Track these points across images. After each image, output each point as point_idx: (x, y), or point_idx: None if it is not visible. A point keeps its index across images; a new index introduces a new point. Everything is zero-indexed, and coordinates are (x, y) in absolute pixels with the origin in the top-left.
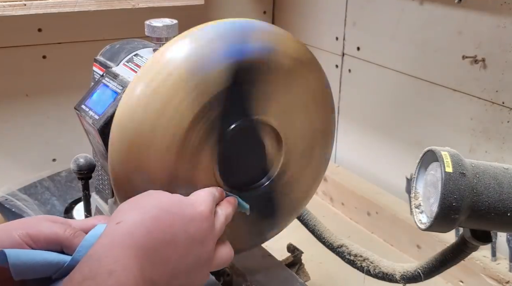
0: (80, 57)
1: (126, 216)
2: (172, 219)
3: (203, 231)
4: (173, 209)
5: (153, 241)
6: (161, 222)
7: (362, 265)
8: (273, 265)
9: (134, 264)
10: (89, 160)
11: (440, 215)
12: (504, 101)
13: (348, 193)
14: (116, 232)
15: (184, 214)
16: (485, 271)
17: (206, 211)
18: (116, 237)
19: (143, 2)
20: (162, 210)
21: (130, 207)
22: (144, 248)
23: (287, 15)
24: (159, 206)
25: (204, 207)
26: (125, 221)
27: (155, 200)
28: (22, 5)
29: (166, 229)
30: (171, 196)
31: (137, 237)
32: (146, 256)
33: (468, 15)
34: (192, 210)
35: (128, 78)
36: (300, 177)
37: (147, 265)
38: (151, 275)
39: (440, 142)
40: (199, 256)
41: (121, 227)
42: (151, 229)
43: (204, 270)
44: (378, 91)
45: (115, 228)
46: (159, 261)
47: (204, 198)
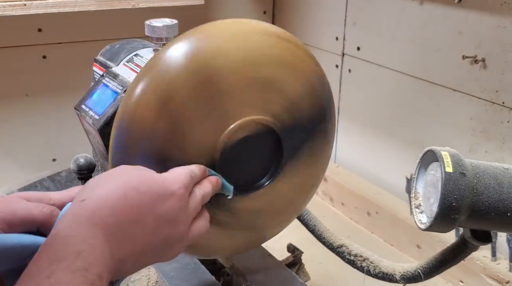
0: (80, 57)
1: (91, 193)
2: (140, 198)
3: (174, 211)
4: (142, 188)
5: (119, 220)
6: (128, 200)
7: (362, 265)
8: (273, 265)
9: (102, 242)
10: (89, 160)
11: (440, 215)
12: (504, 101)
13: (348, 193)
14: (81, 211)
15: (153, 192)
16: (485, 271)
17: (179, 190)
18: (81, 216)
19: (143, 2)
20: (130, 188)
21: (96, 183)
22: (110, 227)
23: (287, 15)
24: (127, 183)
25: (177, 186)
26: (90, 198)
27: (123, 177)
28: (22, 5)
29: (133, 208)
30: (142, 173)
31: (102, 216)
32: (113, 236)
33: (468, 15)
34: (163, 188)
35: (128, 78)
36: (301, 176)
37: (115, 245)
38: (119, 254)
39: (440, 142)
40: (170, 235)
41: (86, 205)
42: (117, 208)
43: (175, 247)
44: (378, 91)
45: (80, 205)
46: (125, 240)
47: (179, 176)
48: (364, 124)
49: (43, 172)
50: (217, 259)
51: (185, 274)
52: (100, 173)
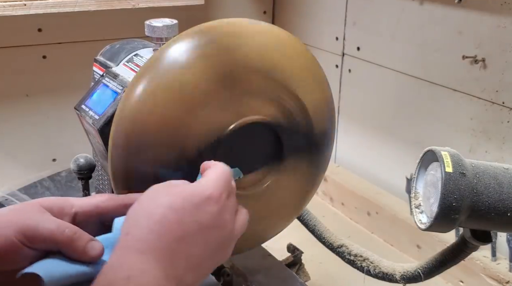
0: (80, 57)
1: (133, 224)
2: (178, 215)
3: (215, 214)
4: (177, 204)
5: (165, 241)
6: (168, 220)
7: (362, 265)
8: (273, 265)
9: (153, 266)
10: (89, 160)
11: (440, 215)
12: (504, 101)
13: (348, 193)
14: (127, 243)
15: (190, 204)
16: (485, 271)
17: (214, 193)
18: (127, 247)
19: (143, 2)
20: (167, 208)
21: (135, 213)
22: (158, 250)
23: (287, 15)
24: (163, 205)
25: (210, 190)
26: (132, 229)
27: (158, 199)
28: (22, 5)
29: (175, 226)
30: (173, 190)
31: (148, 242)
32: (164, 257)
33: (468, 15)
34: (197, 197)
35: (128, 78)
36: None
37: (168, 265)
38: (175, 272)
39: (440, 142)
40: (220, 238)
41: (130, 237)
42: (161, 231)
43: (229, 247)
44: (378, 91)
45: (126, 239)
46: (178, 258)
47: (212, 179)
48: (364, 124)
49: (43, 172)
50: None
51: None
52: (100, 172)
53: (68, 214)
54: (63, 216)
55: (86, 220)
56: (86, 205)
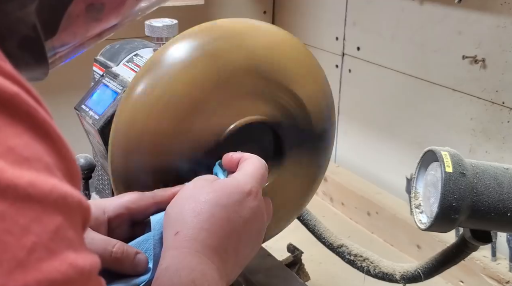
0: (80, 57)
1: (181, 224)
2: (226, 211)
3: (256, 207)
4: (223, 200)
5: (218, 239)
6: (217, 218)
7: (362, 265)
8: (273, 265)
9: (210, 266)
10: (89, 160)
11: (440, 215)
12: (504, 101)
13: (348, 193)
14: (180, 243)
15: (234, 200)
16: (485, 271)
17: (253, 188)
18: (182, 247)
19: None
20: (214, 205)
21: (180, 210)
22: (212, 249)
23: (287, 15)
24: (209, 202)
25: (250, 185)
26: (182, 228)
27: (202, 196)
28: None
29: (225, 223)
30: (215, 187)
31: (202, 241)
32: (217, 255)
33: (468, 15)
34: (240, 193)
35: (128, 78)
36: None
37: (221, 263)
38: (226, 270)
39: (440, 142)
40: (259, 229)
41: (182, 236)
42: (212, 229)
43: (263, 236)
44: (378, 91)
45: (177, 238)
46: (228, 255)
47: (250, 174)
48: (364, 124)
49: None
50: None
51: None
52: (100, 172)
53: (103, 222)
54: (99, 226)
55: (118, 222)
56: (118, 207)
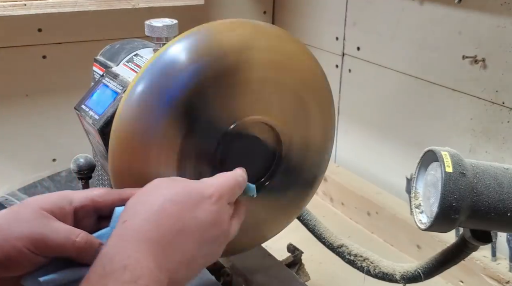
0: (80, 57)
1: (131, 213)
2: (178, 208)
3: (214, 213)
4: (178, 197)
5: (162, 232)
6: (167, 212)
7: (362, 265)
8: (273, 265)
9: (147, 257)
10: (89, 160)
11: (440, 215)
12: (504, 101)
13: (348, 193)
14: (124, 231)
15: (190, 199)
16: (485, 271)
17: (215, 193)
18: (124, 235)
19: (143, 2)
20: (167, 200)
21: (135, 202)
22: (156, 241)
23: (287, 15)
24: (163, 197)
25: (212, 189)
26: (131, 218)
27: (159, 191)
28: (22, 5)
29: (174, 219)
30: (176, 184)
31: (145, 232)
32: (159, 248)
33: (468, 15)
34: (198, 194)
35: (128, 78)
36: (301, 176)
37: (162, 256)
38: (168, 265)
39: (440, 142)
40: (216, 236)
41: (128, 225)
42: (159, 222)
43: (222, 245)
44: (378, 91)
45: (123, 226)
46: (172, 250)
47: (218, 181)
48: (364, 124)
49: (43, 172)
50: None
51: None
52: (100, 172)
53: (69, 212)
54: (65, 216)
55: (84, 213)
56: (84, 199)
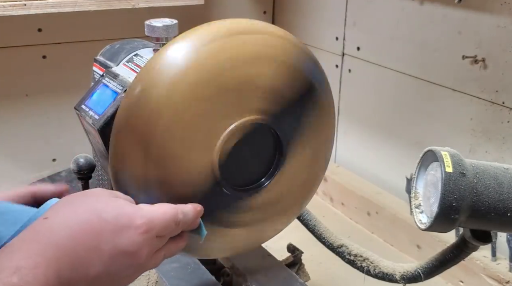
0: (80, 57)
1: (55, 213)
2: (101, 226)
3: (135, 244)
4: (107, 215)
5: (75, 243)
6: (88, 226)
7: (362, 265)
8: (273, 265)
9: (49, 263)
10: (89, 160)
11: (440, 215)
12: (504, 101)
13: (348, 193)
14: (41, 227)
15: (117, 222)
16: (485, 271)
17: (145, 227)
18: (39, 232)
19: (143, 2)
20: (95, 214)
21: (64, 203)
22: (63, 248)
23: (287, 15)
24: (93, 209)
25: (143, 220)
26: (52, 217)
27: (92, 201)
28: (22, 5)
29: (92, 235)
30: (112, 201)
31: (59, 237)
32: (65, 257)
33: (468, 15)
34: (128, 220)
35: (128, 78)
36: (301, 176)
37: (66, 267)
38: (70, 276)
39: (440, 142)
40: (127, 266)
41: (46, 223)
42: (76, 232)
43: (133, 276)
44: (378, 91)
45: (42, 222)
46: (78, 264)
47: (156, 213)
48: (364, 124)
49: (43, 172)
50: (217, 259)
51: (185, 274)
52: (100, 172)
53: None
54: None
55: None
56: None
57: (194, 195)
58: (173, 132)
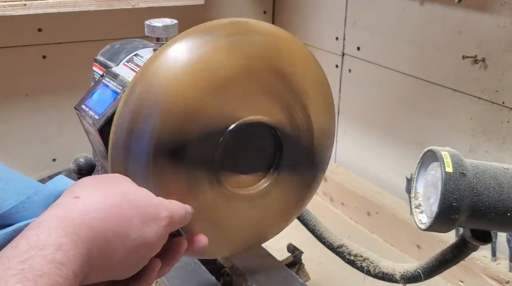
0: (80, 57)
1: (87, 193)
2: (133, 213)
3: (157, 236)
4: (138, 203)
5: (106, 227)
6: (121, 211)
7: (362, 265)
8: (273, 265)
9: (83, 243)
10: (89, 160)
11: (440, 215)
12: (504, 101)
13: (348, 193)
14: (73, 206)
15: (146, 212)
16: (485, 271)
17: (167, 218)
18: (71, 211)
19: (143, 2)
20: (127, 200)
21: (93, 184)
22: (97, 231)
23: (287, 15)
24: (125, 194)
25: (168, 213)
26: (84, 198)
27: (123, 186)
28: (22, 5)
29: (123, 220)
30: (141, 190)
31: (91, 218)
32: (96, 240)
33: (468, 15)
34: (156, 211)
35: (128, 78)
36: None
37: (95, 250)
38: (97, 258)
39: (440, 142)
40: (146, 256)
41: (79, 203)
42: (109, 215)
43: (142, 265)
44: (378, 91)
45: (73, 201)
46: (106, 249)
47: (175, 206)
48: (364, 124)
49: (43, 172)
50: (217, 259)
51: (185, 274)
52: (100, 173)
53: None
54: None
55: None
56: None
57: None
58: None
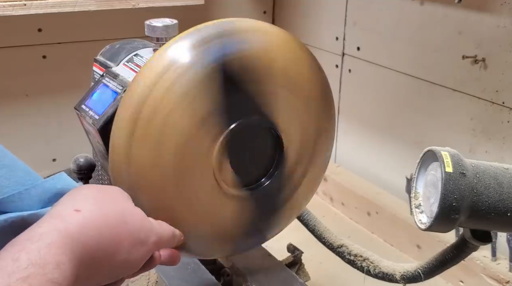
0: (80, 57)
1: (87, 208)
2: (124, 237)
3: (140, 259)
4: (131, 227)
5: (99, 247)
6: (115, 234)
7: (362, 265)
8: (273, 265)
9: (76, 259)
10: (89, 160)
11: (440, 215)
12: (504, 101)
13: (348, 193)
14: (73, 220)
15: (138, 237)
16: (485, 271)
17: (153, 244)
18: (71, 225)
19: (143, 2)
20: (122, 221)
21: (94, 197)
22: (89, 251)
23: (287, 15)
24: (121, 214)
25: (155, 238)
26: (84, 212)
27: (119, 205)
28: (22, 5)
29: (115, 243)
30: (135, 210)
31: (88, 237)
32: (87, 258)
33: (468, 15)
34: (145, 237)
35: (128, 78)
36: (301, 176)
37: (82, 265)
38: (80, 274)
39: (440, 142)
40: (123, 274)
41: (79, 217)
42: (104, 237)
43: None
44: (378, 91)
45: (73, 214)
46: (93, 269)
47: (163, 230)
48: (364, 124)
49: (43, 172)
50: (217, 259)
51: (185, 274)
52: (100, 172)
53: None
54: None
55: None
56: None
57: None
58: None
